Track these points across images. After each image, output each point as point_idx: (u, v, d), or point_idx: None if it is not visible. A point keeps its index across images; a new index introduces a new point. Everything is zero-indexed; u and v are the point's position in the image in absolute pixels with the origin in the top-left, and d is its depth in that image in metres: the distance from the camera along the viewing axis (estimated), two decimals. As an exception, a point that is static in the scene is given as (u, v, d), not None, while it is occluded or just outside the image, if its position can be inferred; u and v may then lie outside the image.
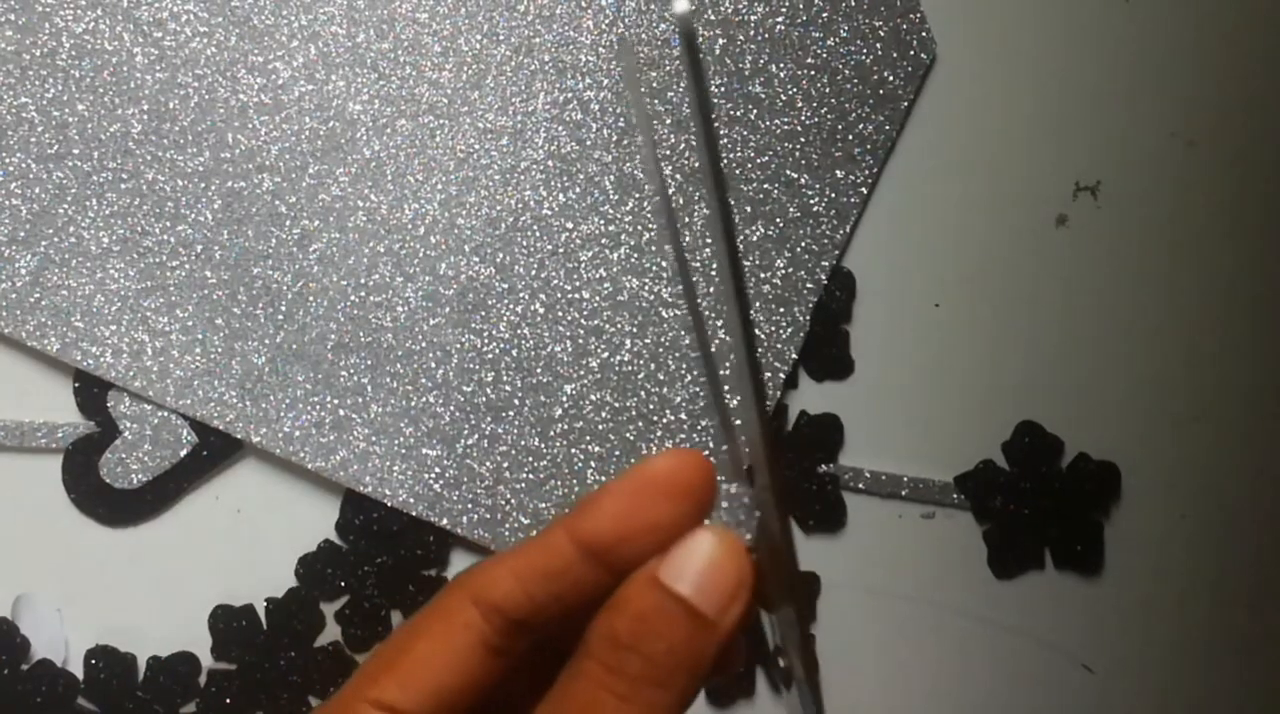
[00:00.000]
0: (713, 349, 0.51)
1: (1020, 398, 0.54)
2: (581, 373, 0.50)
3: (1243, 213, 0.56)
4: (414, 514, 0.49)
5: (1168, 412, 0.55)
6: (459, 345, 0.50)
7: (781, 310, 0.52)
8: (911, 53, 0.53)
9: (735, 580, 0.28)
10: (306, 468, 0.49)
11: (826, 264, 0.52)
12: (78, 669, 0.49)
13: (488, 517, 0.50)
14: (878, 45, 0.53)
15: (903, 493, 0.53)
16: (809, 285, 0.52)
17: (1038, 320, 0.54)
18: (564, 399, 0.50)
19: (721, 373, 0.51)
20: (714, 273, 0.51)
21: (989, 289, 0.54)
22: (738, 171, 0.52)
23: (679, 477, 0.28)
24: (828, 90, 0.53)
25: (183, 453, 0.49)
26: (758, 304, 0.52)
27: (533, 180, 0.51)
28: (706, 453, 0.50)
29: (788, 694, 0.30)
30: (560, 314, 0.51)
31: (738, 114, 0.52)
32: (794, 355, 0.52)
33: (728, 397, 0.31)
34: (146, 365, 0.49)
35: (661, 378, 0.51)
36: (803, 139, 0.52)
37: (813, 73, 0.53)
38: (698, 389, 0.51)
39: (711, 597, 0.27)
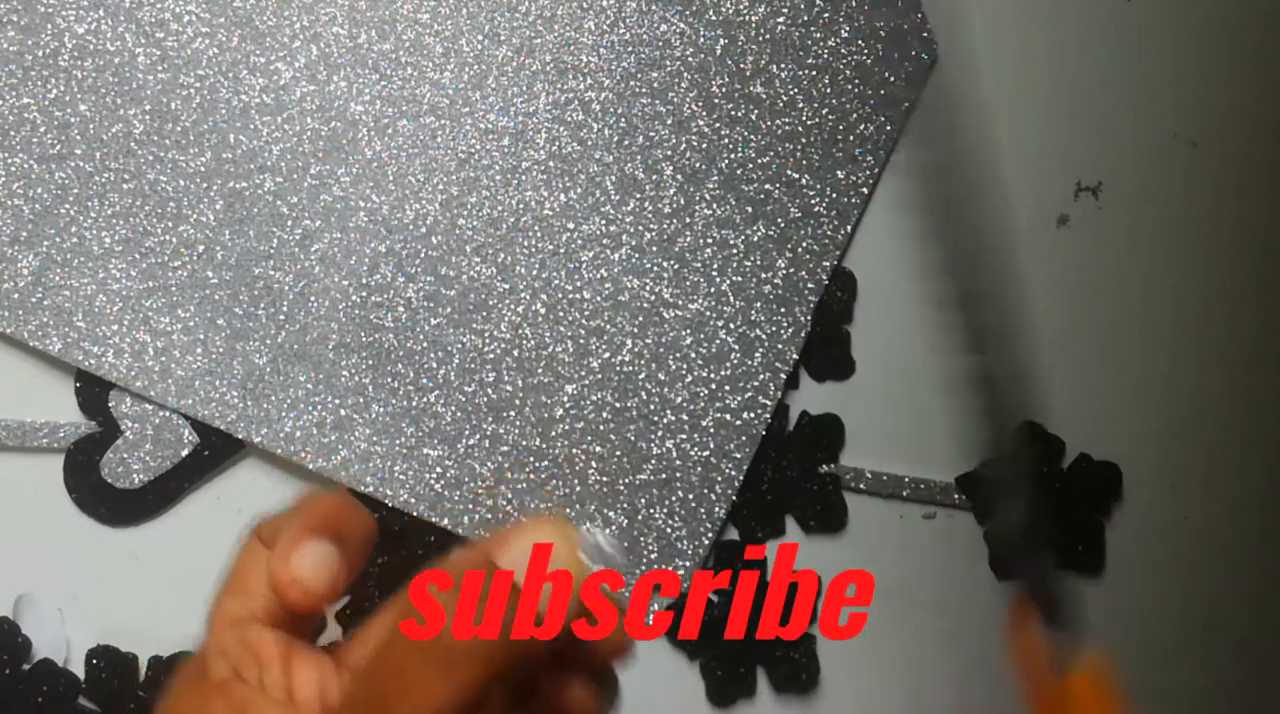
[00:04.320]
0: (713, 350, 0.51)
1: (1021, 398, 0.54)
2: (582, 373, 0.50)
3: (1244, 213, 0.56)
4: (415, 514, 0.49)
5: (1169, 412, 0.55)
6: (460, 345, 0.50)
7: (782, 310, 0.52)
8: (912, 53, 0.53)
9: (560, 597, 0.30)
10: (308, 468, 0.49)
11: (828, 264, 0.52)
12: (79, 669, 0.49)
13: (489, 517, 0.50)
14: (879, 46, 0.53)
15: (904, 493, 0.53)
16: (810, 285, 0.52)
17: (1038, 321, 0.54)
18: (565, 399, 0.50)
19: (723, 373, 0.51)
20: (714, 273, 0.51)
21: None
22: (739, 172, 0.52)
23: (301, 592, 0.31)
24: (829, 91, 0.53)
25: (184, 453, 0.49)
26: (759, 304, 0.52)
27: (534, 181, 0.51)
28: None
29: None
30: (561, 314, 0.51)
31: (739, 114, 0.52)
32: (795, 355, 0.52)
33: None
34: (148, 365, 0.49)
35: (662, 378, 0.51)
36: (804, 139, 0.52)
37: (814, 73, 0.53)
38: (699, 389, 0.51)
39: (538, 586, 0.30)
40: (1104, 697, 0.28)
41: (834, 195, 0.52)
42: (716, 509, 0.51)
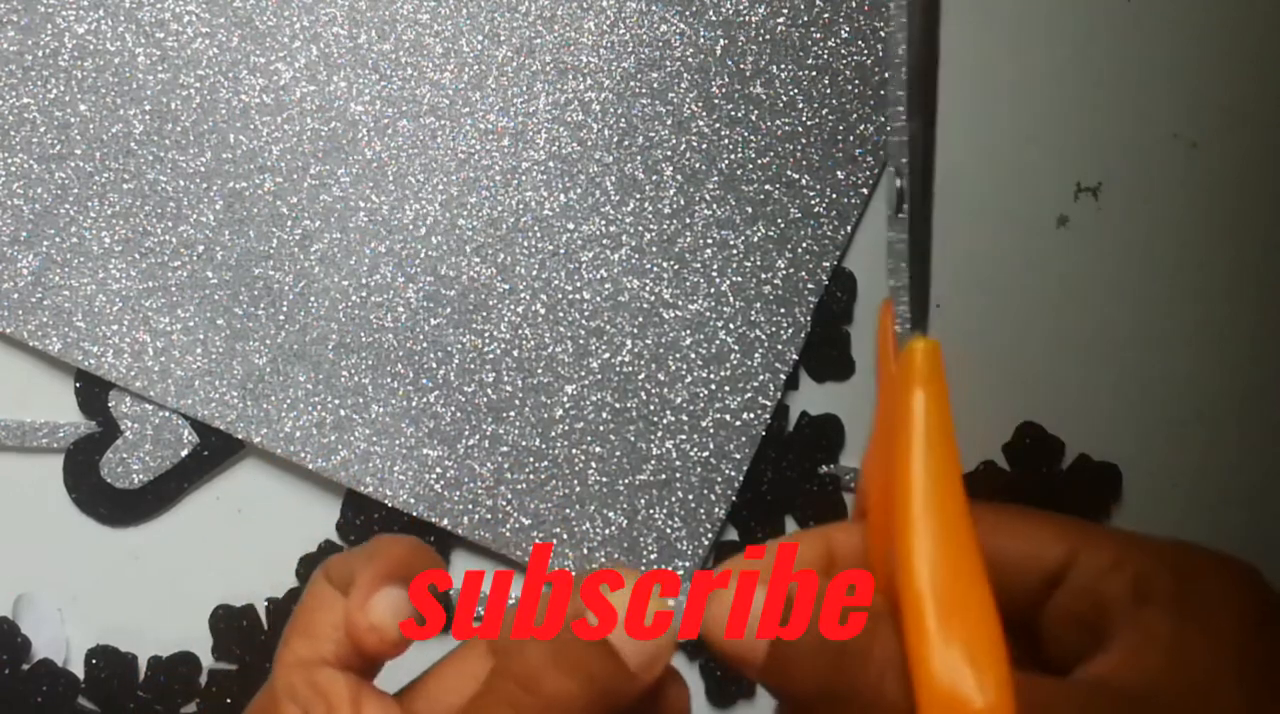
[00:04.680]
0: (713, 350, 0.51)
1: (1021, 399, 0.54)
2: (582, 373, 0.50)
3: (1245, 214, 0.56)
4: (414, 515, 0.49)
5: (1169, 413, 0.55)
6: (460, 346, 0.50)
7: (782, 311, 0.52)
8: (912, 53, 0.53)
9: (661, 642, 0.31)
10: (307, 468, 0.49)
11: (827, 265, 0.52)
12: (78, 669, 0.49)
13: (488, 517, 0.50)
14: (879, 46, 0.53)
15: (904, 493, 0.53)
16: (810, 286, 0.52)
17: (1038, 321, 0.54)
18: (565, 400, 0.50)
19: (723, 373, 0.51)
20: (714, 273, 0.51)
21: (989, 289, 0.54)
22: (739, 172, 0.52)
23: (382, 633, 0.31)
24: (829, 91, 0.53)
25: (184, 453, 0.49)
26: (758, 305, 0.52)
27: (534, 181, 0.51)
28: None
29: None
30: (561, 315, 0.51)
31: (739, 115, 0.52)
32: (794, 356, 0.52)
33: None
34: (148, 365, 0.49)
35: (662, 378, 0.51)
36: (804, 140, 0.52)
37: (814, 73, 0.53)
38: (699, 389, 0.51)
39: (635, 648, 0.31)
40: (930, 369, 0.31)
41: (834, 195, 0.52)
42: (716, 509, 0.51)
